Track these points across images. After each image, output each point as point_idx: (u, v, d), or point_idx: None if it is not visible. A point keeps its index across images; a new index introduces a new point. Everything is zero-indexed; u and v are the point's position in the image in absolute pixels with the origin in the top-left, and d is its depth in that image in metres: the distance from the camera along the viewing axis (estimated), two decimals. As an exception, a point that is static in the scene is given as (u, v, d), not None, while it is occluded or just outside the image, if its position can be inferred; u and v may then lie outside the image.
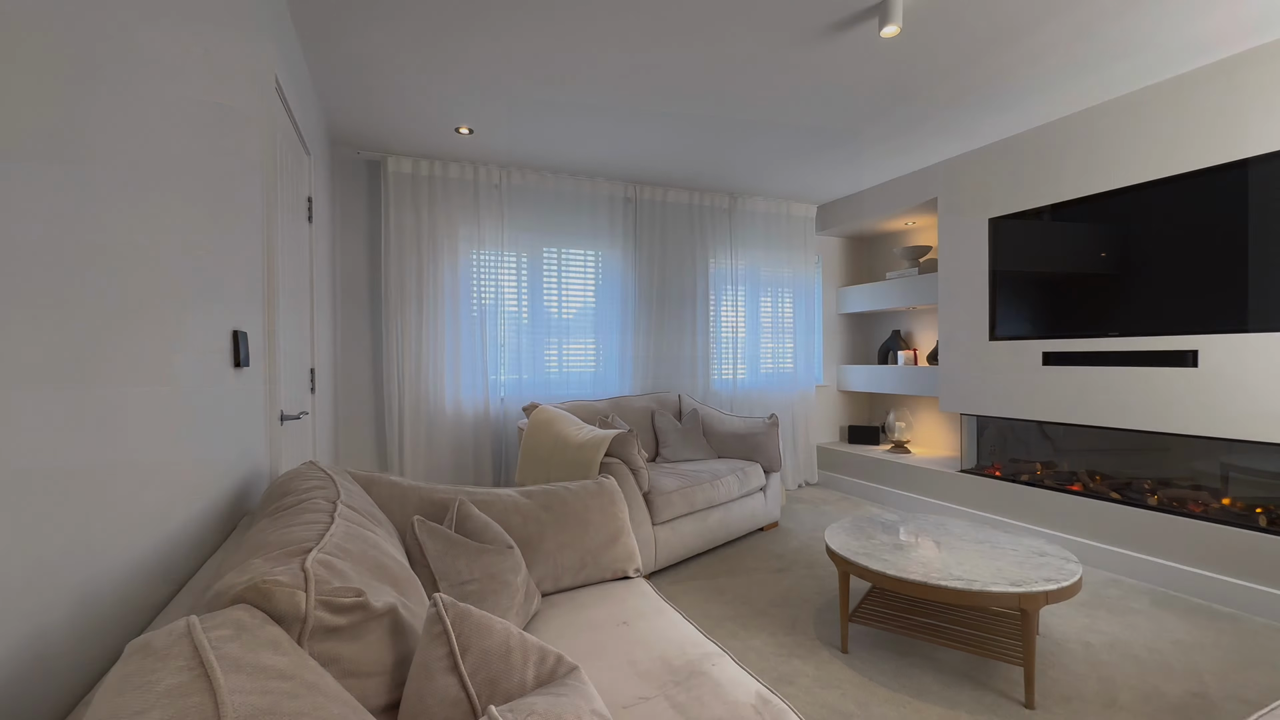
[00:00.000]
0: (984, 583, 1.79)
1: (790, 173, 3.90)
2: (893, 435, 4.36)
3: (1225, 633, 2.20)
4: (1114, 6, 2.05)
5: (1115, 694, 1.82)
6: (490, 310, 3.65)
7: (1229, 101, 2.43)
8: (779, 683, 1.92)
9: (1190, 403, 2.56)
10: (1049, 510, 3.07)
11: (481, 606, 1.29)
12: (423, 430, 3.49)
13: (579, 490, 1.79)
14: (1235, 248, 2.44)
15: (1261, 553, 2.33)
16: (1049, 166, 3.09)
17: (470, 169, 3.58)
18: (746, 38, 2.22)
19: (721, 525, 3.14)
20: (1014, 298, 3.29)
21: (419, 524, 1.30)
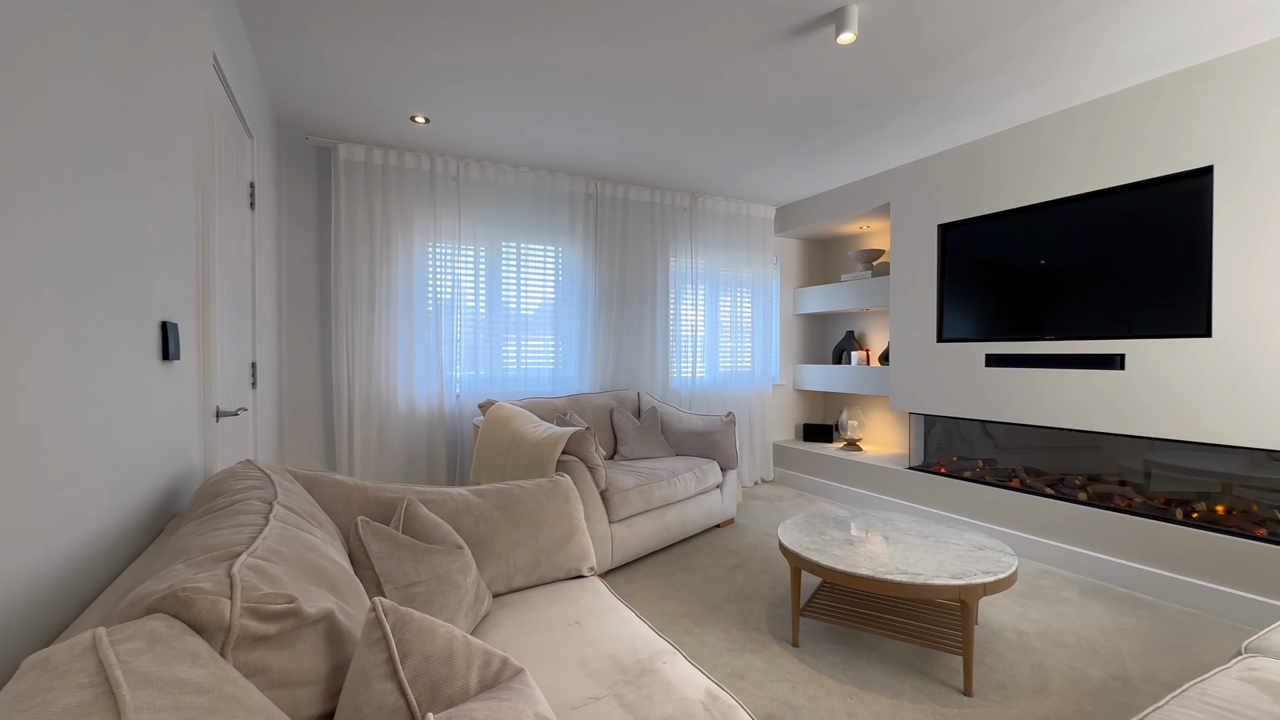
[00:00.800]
0: (927, 576, 1.85)
1: (750, 174, 3.95)
2: (845, 433, 4.48)
3: (1145, 619, 2.35)
4: (1052, 25, 2.15)
5: (1046, 680, 1.92)
6: (447, 305, 3.56)
7: (1153, 121, 2.58)
8: (731, 678, 1.94)
9: (1118, 403, 2.71)
10: (989, 505, 3.21)
11: (429, 609, 1.25)
12: (374, 428, 3.38)
13: (533, 489, 1.77)
14: (1159, 258, 2.59)
15: (1177, 544, 2.49)
16: (993, 176, 3.22)
17: (426, 159, 3.48)
18: (706, 38, 2.23)
19: (678, 522, 3.16)
20: (960, 301, 3.42)
21: (363, 525, 1.26)
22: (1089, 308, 2.84)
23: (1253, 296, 2.32)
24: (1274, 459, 2.43)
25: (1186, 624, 2.31)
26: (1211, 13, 2.08)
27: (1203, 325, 2.46)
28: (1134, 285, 2.68)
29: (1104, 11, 2.06)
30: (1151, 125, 2.60)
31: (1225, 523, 2.48)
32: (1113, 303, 2.75)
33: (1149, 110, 2.60)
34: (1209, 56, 2.39)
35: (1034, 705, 1.78)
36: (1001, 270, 3.21)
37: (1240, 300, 2.35)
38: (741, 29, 2.17)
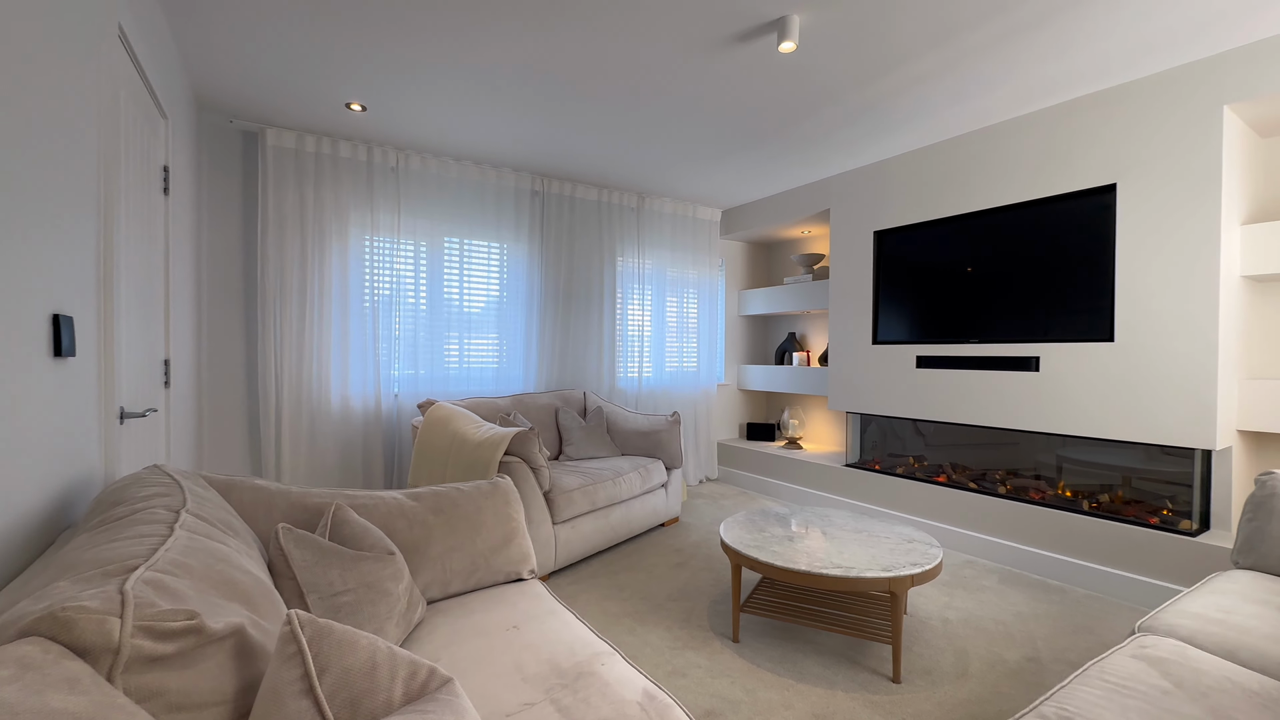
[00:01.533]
0: (860, 569, 1.92)
1: (697, 176, 3.99)
2: (787, 432, 4.60)
3: (1055, 604, 2.52)
4: (978, 45, 2.28)
5: (967, 664, 2.03)
6: (385, 301, 3.43)
7: (1067, 140, 2.78)
8: (673, 675, 1.95)
9: (1033, 403, 2.90)
10: (919, 500, 3.37)
11: (356, 618, 1.20)
12: (304, 429, 3.21)
13: (471, 491, 1.72)
14: (1070, 268, 2.79)
15: (1084, 533, 2.69)
16: (925, 186, 3.38)
17: (363, 149, 3.34)
18: (652, 39, 2.24)
19: (623, 522, 3.16)
20: (895, 305, 3.58)
21: (284, 532, 1.19)
22: (1010, 313, 3.02)
23: (1148, 305, 2.52)
24: (1166, 453, 2.66)
25: (1091, 607, 2.49)
26: (1115, 43, 2.25)
27: (1107, 331, 2.66)
28: (1049, 292, 2.87)
29: (1023, 35, 2.20)
30: (1066, 143, 2.79)
31: (1125, 512, 2.70)
32: (1030, 308, 2.94)
33: (1064, 129, 2.79)
34: (1115, 82, 2.59)
35: (956, 689, 1.88)
36: (932, 276, 3.37)
37: (1138, 308, 2.56)
38: (686, 32, 2.19)
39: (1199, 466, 2.51)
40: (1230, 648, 1.33)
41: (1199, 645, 1.36)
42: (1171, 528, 2.49)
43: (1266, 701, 1.10)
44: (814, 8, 2.03)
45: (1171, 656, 1.26)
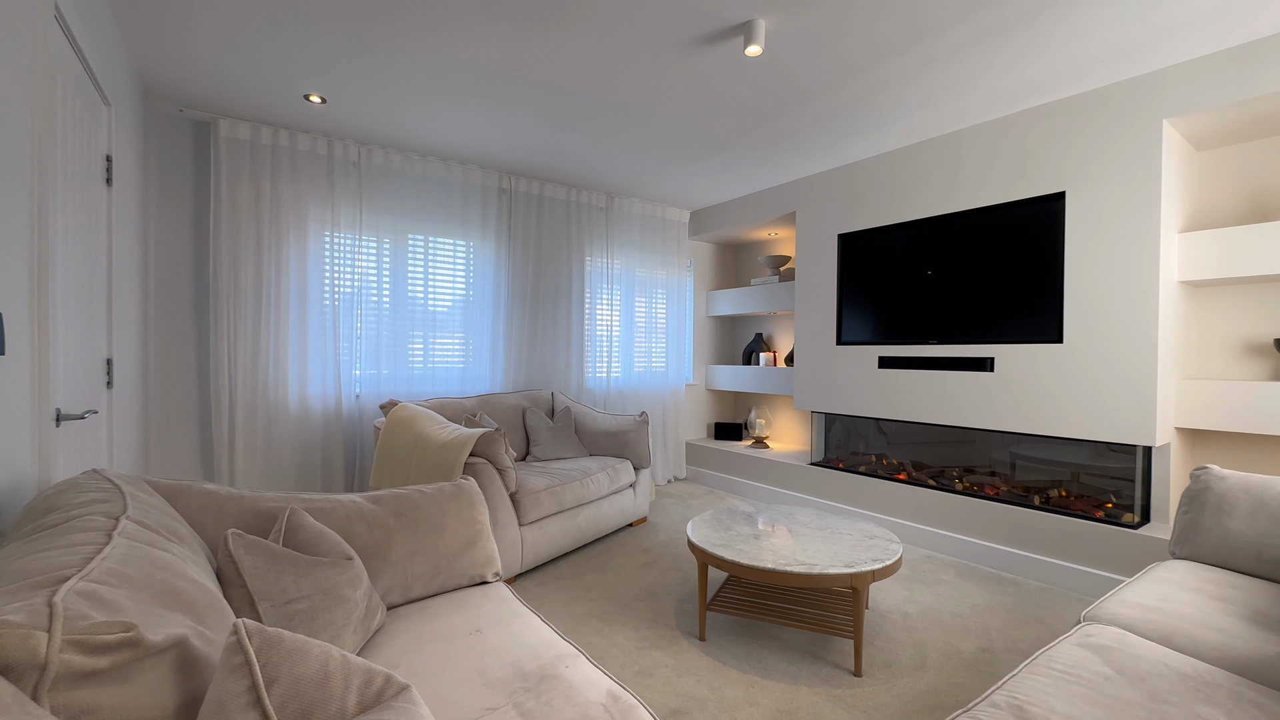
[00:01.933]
0: (823, 566, 1.96)
1: (666, 177, 4.01)
2: (754, 432, 4.65)
3: (1009, 595, 2.61)
4: (940, 54, 2.34)
5: (925, 656, 2.09)
6: (346, 299, 3.34)
7: (1022, 148, 2.88)
8: (640, 675, 1.95)
9: (988, 402, 3.01)
10: (881, 497, 3.45)
11: (311, 626, 1.16)
12: (260, 432, 3.10)
13: (434, 493, 1.69)
14: (1024, 272, 2.90)
15: (1035, 527, 2.79)
16: (887, 191, 3.47)
17: (324, 142, 3.24)
18: (621, 39, 2.23)
19: (591, 523, 3.15)
20: (858, 307, 3.66)
21: (233, 538, 1.14)
22: (967, 315, 3.12)
23: (1094, 309, 2.64)
24: (1112, 450, 2.78)
25: (1042, 598, 2.59)
26: (1064, 58, 2.35)
27: (1056, 333, 2.77)
28: (1004, 295, 2.97)
29: (979, 46, 2.28)
30: (1020, 152, 2.89)
31: (1073, 507, 2.82)
32: (986, 311, 3.04)
33: (1018, 138, 2.90)
34: (1065, 95, 2.70)
35: (915, 681, 1.93)
36: (894, 279, 3.46)
37: (1085, 311, 2.67)
38: (653, 33, 2.19)
39: (1140, 462, 2.64)
40: (1167, 634, 1.40)
41: (1139, 633, 1.43)
42: (1115, 521, 2.61)
43: (1198, 684, 1.16)
44: (780, 12, 2.05)
45: (1113, 644, 1.31)
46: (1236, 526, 1.78)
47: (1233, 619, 1.44)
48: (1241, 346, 2.63)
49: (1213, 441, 2.70)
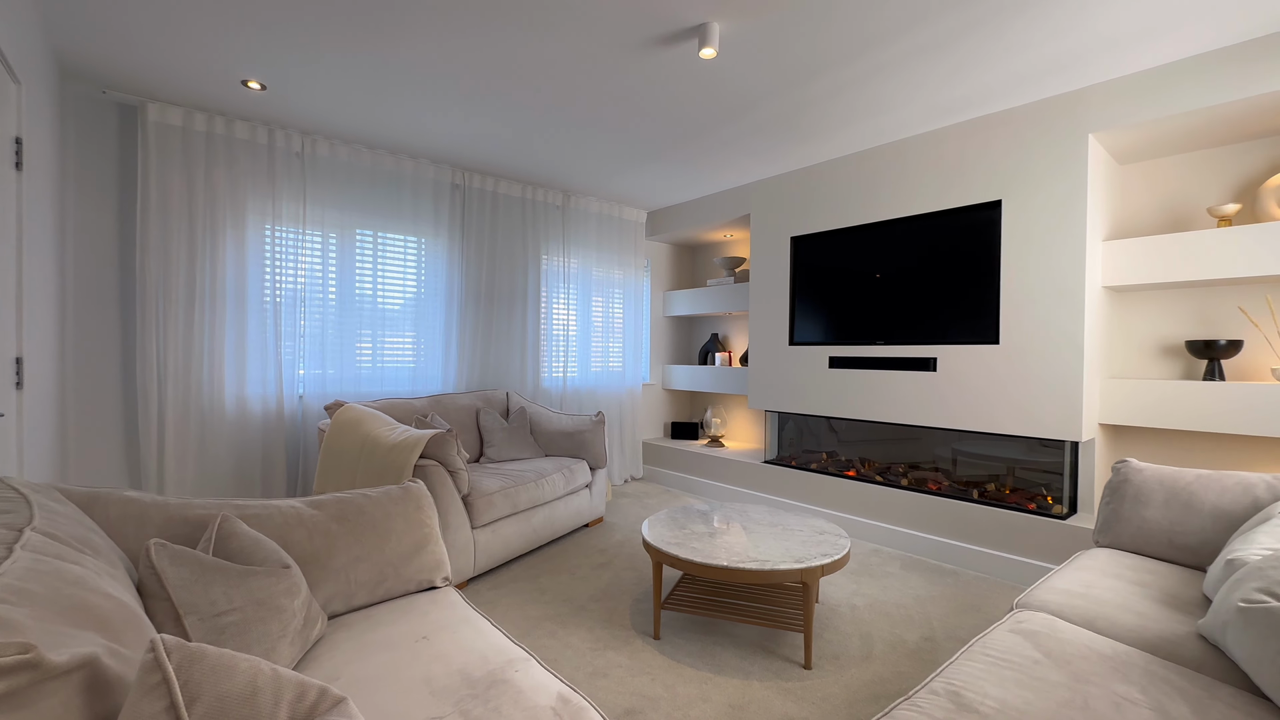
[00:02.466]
0: (774, 562, 2.00)
1: (623, 177, 4.00)
2: (710, 431, 4.71)
3: (949, 586, 2.73)
4: (884, 64, 2.42)
5: (872, 647, 2.15)
6: (288, 296, 3.19)
7: (962, 157, 3.01)
8: (594, 676, 1.94)
9: (932, 400, 3.13)
10: (831, 493, 3.54)
11: (244, 639, 1.10)
12: (193, 435, 2.93)
13: (380, 497, 1.63)
14: (964, 276, 3.03)
15: (974, 520, 2.93)
16: (838, 195, 3.57)
17: (264, 131, 3.09)
18: (576, 37, 2.21)
19: (546, 524, 3.11)
20: (810, 308, 3.75)
21: (156, 549, 1.07)
22: (912, 317, 3.24)
23: (1027, 311, 2.78)
24: (1044, 445, 2.94)
25: (979, 588, 2.71)
26: (1000, 71, 2.46)
27: (993, 334, 2.91)
28: (946, 298, 3.10)
29: (922, 58, 2.36)
30: (960, 161, 3.02)
31: (1009, 500, 2.96)
32: (930, 313, 3.16)
33: (959, 148, 3.03)
34: (1000, 108, 2.84)
35: (861, 671, 1.99)
36: (844, 281, 3.56)
37: (1019, 314, 2.81)
38: (610, 32, 2.18)
39: (1068, 456, 2.80)
40: (1090, 618, 1.48)
41: (1065, 618, 1.51)
42: (1046, 512, 2.76)
43: (1117, 665, 1.24)
44: (733, 17, 2.08)
45: (1042, 629, 1.39)
46: (1152, 516, 1.91)
47: (1148, 602, 1.55)
48: (1157, 348, 2.82)
49: (1133, 436, 2.89)
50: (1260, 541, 1.43)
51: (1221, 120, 2.42)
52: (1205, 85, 2.31)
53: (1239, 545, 1.47)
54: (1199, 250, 2.47)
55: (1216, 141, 2.62)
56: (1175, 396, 2.55)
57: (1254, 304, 2.58)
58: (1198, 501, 1.84)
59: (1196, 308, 2.73)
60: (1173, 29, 2.15)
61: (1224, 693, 1.15)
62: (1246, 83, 2.22)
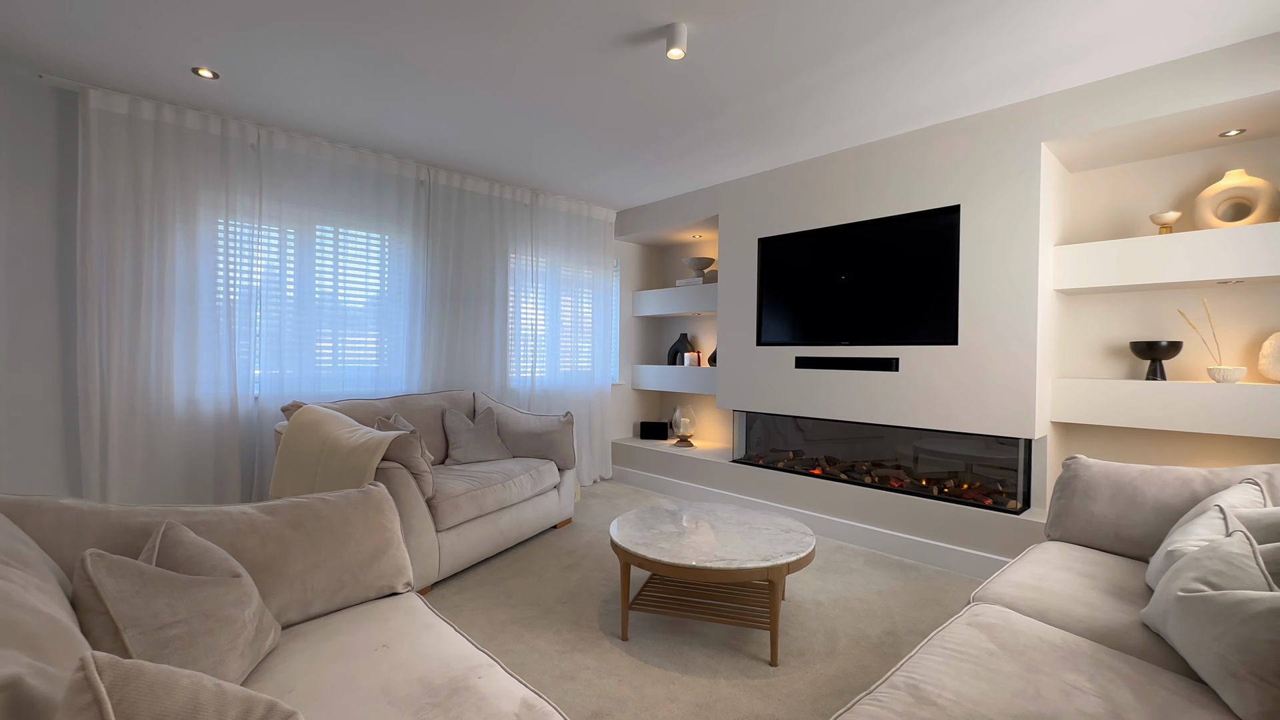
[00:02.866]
0: (741, 561, 2.01)
1: (591, 176, 3.98)
2: (679, 430, 4.72)
3: (910, 580, 2.79)
4: (849, 70, 2.47)
5: (836, 642, 2.19)
6: (243, 293, 3.08)
7: (923, 162, 3.09)
8: (561, 680, 1.92)
9: (894, 400, 3.20)
10: (798, 491, 3.59)
11: (190, 653, 1.05)
12: (140, 439, 2.80)
13: (338, 501, 1.59)
14: (924, 278, 3.11)
15: (934, 516, 3.01)
16: (804, 198, 3.62)
17: (217, 122, 2.97)
18: (544, 34, 2.19)
19: (514, 526, 3.07)
20: (777, 309, 3.79)
21: (92, 560, 1.02)
22: (876, 318, 3.31)
23: (983, 313, 2.87)
24: (1000, 443, 3.04)
25: (939, 582, 2.79)
26: (959, 80, 2.54)
27: (952, 335, 2.99)
28: (908, 300, 3.18)
29: (885, 66, 2.42)
30: (922, 166, 3.10)
31: (967, 496, 3.05)
32: (893, 314, 3.24)
33: (921, 153, 3.11)
34: (961, 114, 2.92)
35: (826, 666, 2.02)
36: (810, 283, 3.61)
37: (976, 316, 2.90)
38: (578, 29, 2.16)
39: (1022, 454, 2.90)
40: (1041, 609, 1.54)
41: (1019, 610, 1.56)
42: (1001, 507, 2.85)
43: (1067, 654, 1.28)
44: (701, 18, 2.09)
45: (997, 621, 1.43)
46: (1099, 510, 1.99)
47: (1096, 593, 1.61)
48: (1105, 349, 2.95)
49: (1082, 433, 3.01)
50: (1197, 533, 1.50)
51: (1163, 132, 2.54)
52: (1148, 99, 2.42)
53: (1178, 537, 1.54)
54: (1142, 256, 2.59)
55: (1158, 152, 2.75)
56: (1121, 395, 2.67)
57: (1192, 307, 2.72)
58: (1141, 496, 1.93)
59: (1140, 310, 2.86)
60: (1119, 44, 2.25)
61: (1165, 679, 1.20)
62: (1186, 98, 2.34)
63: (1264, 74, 2.18)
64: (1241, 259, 2.36)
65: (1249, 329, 2.59)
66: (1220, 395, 2.42)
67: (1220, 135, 2.55)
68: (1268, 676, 1.04)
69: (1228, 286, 2.63)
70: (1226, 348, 2.64)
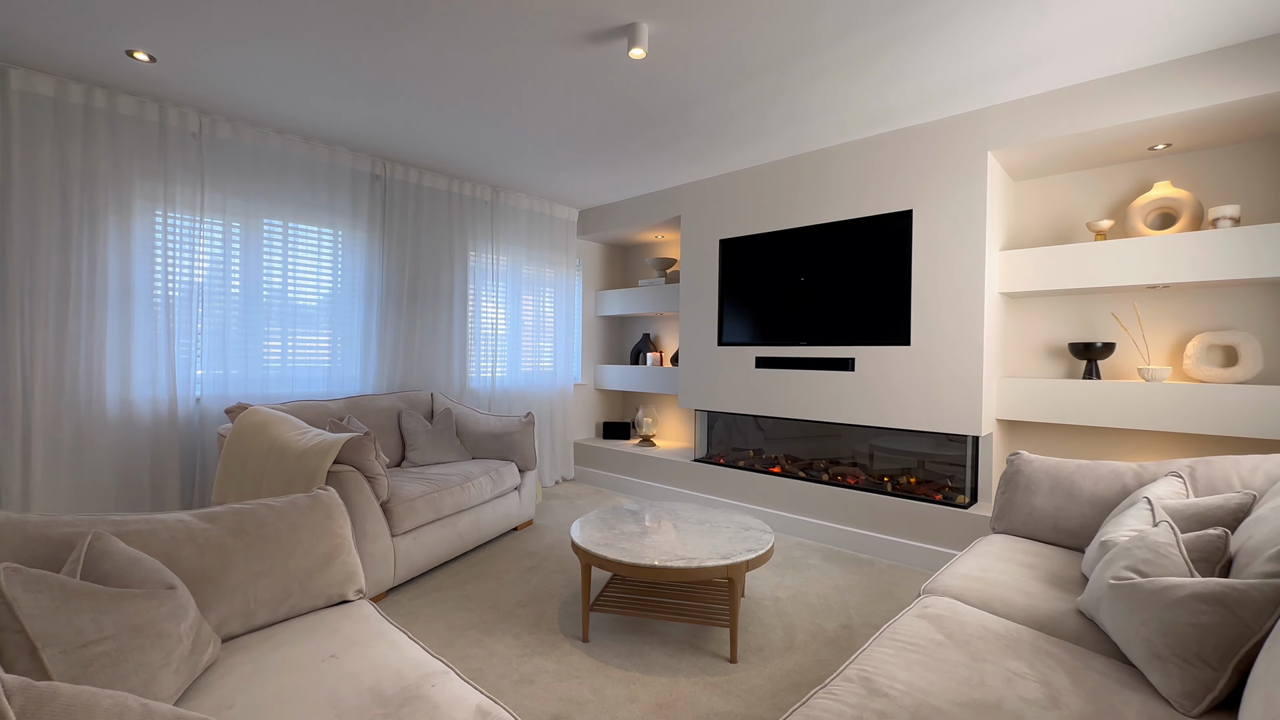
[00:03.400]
0: (701, 559, 2.02)
1: (553, 174, 3.95)
2: (641, 430, 4.73)
3: (866, 575, 2.87)
4: (808, 74, 2.51)
5: (794, 637, 2.23)
6: (183, 289, 2.92)
7: (878, 167, 3.18)
8: (520, 684, 1.89)
9: (850, 399, 3.28)
10: (758, 489, 3.65)
11: (118, 670, 0.99)
12: (67, 443, 2.63)
13: (284, 507, 1.52)
14: (879, 280, 3.19)
15: (888, 511, 3.09)
16: (764, 200, 3.67)
17: (153, 107, 2.81)
18: (504, 29, 2.15)
19: (473, 529, 3.02)
20: (737, 310, 3.84)
21: (6, 574, 0.94)
22: (833, 319, 3.38)
23: (934, 315, 2.98)
24: (950, 440, 3.15)
25: (893, 575, 2.87)
26: (913, 88, 2.62)
27: (905, 336, 3.08)
28: (864, 301, 3.26)
29: (843, 71, 2.47)
30: (877, 171, 3.19)
31: (918, 491, 3.15)
32: (849, 315, 3.32)
33: (877, 158, 3.19)
34: (914, 122, 3.01)
35: (784, 661, 2.06)
36: (770, 284, 3.67)
37: (927, 317, 3.00)
38: (538, 27, 2.14)
39: (970, 450, 3.01)
40: (986, 600, 1.60)
41: (965, 600, 1.62)
42: (951, 502, 2.96)
43: (1009, 642, 1.34)
44: (662, 19, 2.09)
45: (945, 613, 1.48)
46: (1040, 503, 2.09)
47: (1037, 583, 1.68)
48: (1046, 349, 3.09)
49: (1026, 430, 3.15)
50: (1128, 524, 1.59)
51: (1097, 145, 2.68)
52: (1084, 113, 2.55)
53: (1111, 528, 1.63)
54: (1079, 261, 2.73)
55: (1094, 163, 2.90)
56: (1060, 394, 2.80)
57: (1124, 310, 2.88)
58: (1078, 489, 2.03)
59: (1078, 313, 3.01)
60: (1059, 60, 2.36)
61: (1098, 662, 1.27)
62: (1117, 112, 2.47)
63: (1188, 92, 2.32)
64: (1167, 265, 2.51)
65: (1175, 331, 2.76)
66: (1149, 393, 2.57)
67: (1149, 149, 2.71)
68: (1188, 657, 1.11)
69: (1156, 291, 2.80)
70: (1155, 349, 2.80)
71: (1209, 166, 2.68)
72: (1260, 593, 1.09)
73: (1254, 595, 1.09)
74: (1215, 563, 1.33)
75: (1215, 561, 1.33)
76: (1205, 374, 2.57)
